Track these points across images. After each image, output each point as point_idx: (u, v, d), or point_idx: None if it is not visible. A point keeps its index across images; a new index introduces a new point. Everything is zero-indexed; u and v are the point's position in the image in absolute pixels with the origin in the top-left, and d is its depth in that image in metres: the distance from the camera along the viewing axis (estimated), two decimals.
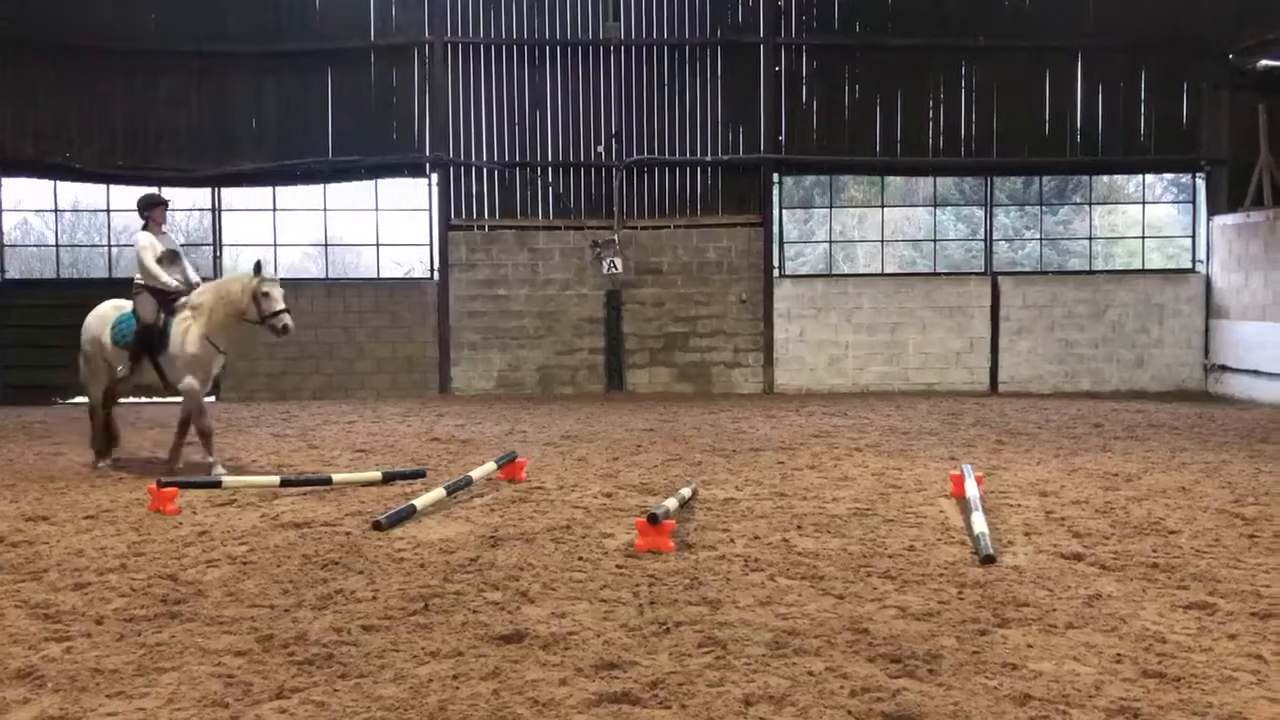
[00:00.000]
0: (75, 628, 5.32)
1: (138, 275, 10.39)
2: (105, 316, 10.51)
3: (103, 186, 18.50)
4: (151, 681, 4.58)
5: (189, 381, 10.05)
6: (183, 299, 10.22)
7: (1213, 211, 18.50)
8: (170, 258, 10.44)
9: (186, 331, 10.03)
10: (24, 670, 4.70)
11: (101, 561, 6.65)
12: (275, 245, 18.79)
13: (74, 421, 14.73)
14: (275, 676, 4.62)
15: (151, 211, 10.54)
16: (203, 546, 7.05)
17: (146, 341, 10.11)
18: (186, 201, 19.31)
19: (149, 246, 10.38)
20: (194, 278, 10.52)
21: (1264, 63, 16.98)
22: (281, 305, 10.05)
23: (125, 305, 10.47)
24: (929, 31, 18.33)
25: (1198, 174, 18.83)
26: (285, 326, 10.05)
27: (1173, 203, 20.69)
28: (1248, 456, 10.84)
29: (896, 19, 18.51)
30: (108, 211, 18.93)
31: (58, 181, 18.45)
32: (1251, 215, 17.37)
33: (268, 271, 10.06)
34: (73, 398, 17.89)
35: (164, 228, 10.68)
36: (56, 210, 19.00)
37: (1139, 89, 18.67)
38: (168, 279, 10.25)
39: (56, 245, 19.32)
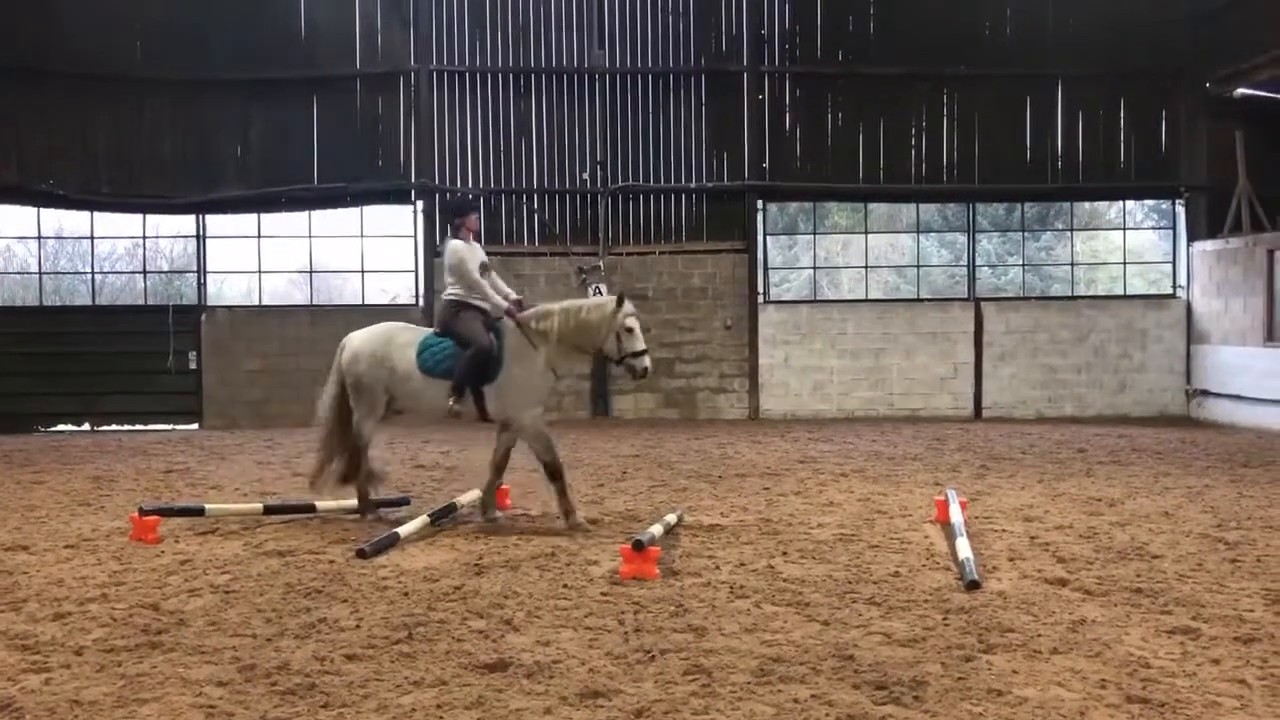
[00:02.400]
0: (54, 659, 5.26)
1: (449, 290, 8.98)
2: (397, 341, 8.99)
3: (86, 214, 18.46)
4: (131, 713, 4.53)
5: (532, 415, 8.68)
6: (506, 319, 8.83)
7: (1193, 237, 18.67)
8: (482, 270, 9.04)
9: (525, 358, 8.68)
10: (1, 702, 4.64)
11: (82, 591, 6.58)
12: (260, 272, 18.77)
13: (54, 450, 14.64)
14: (257, 707, 4.58)
15: (464, 218, 9.16)
16: (185, 575, 6.99)
17: (480, 370, 8.63)
18: (170, 229, 19.27)
19: (469, 257, 8.94)
20: (509, 294, 9.12)
21: (1241, 91, 17.19)
22: (643, 344, 8.74)
23: (411, 327, 9.31)
24: (911, 60, 18.51)
25: (1177, 200, 19.02)
26: (645, 369, 8.71)
27: (1153, 229, 20.85)
28: (1230, 481, 10.89)
29: (879, 48, 18.69)
30: (91, 238, 18.88)
31: (41, 208, 18.41)
32: (1230, 241, 17.53)
33: (629, 306, 8.77)
34: (54, 426, 17.82)
35: (474, 237, 9.23)
36: (40, 237, 18.94)
37: (1119, 117, 18.88)
38: (498, 297, 8.88)
39: (40, 272, 19.25)
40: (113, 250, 20.87)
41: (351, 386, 9.00)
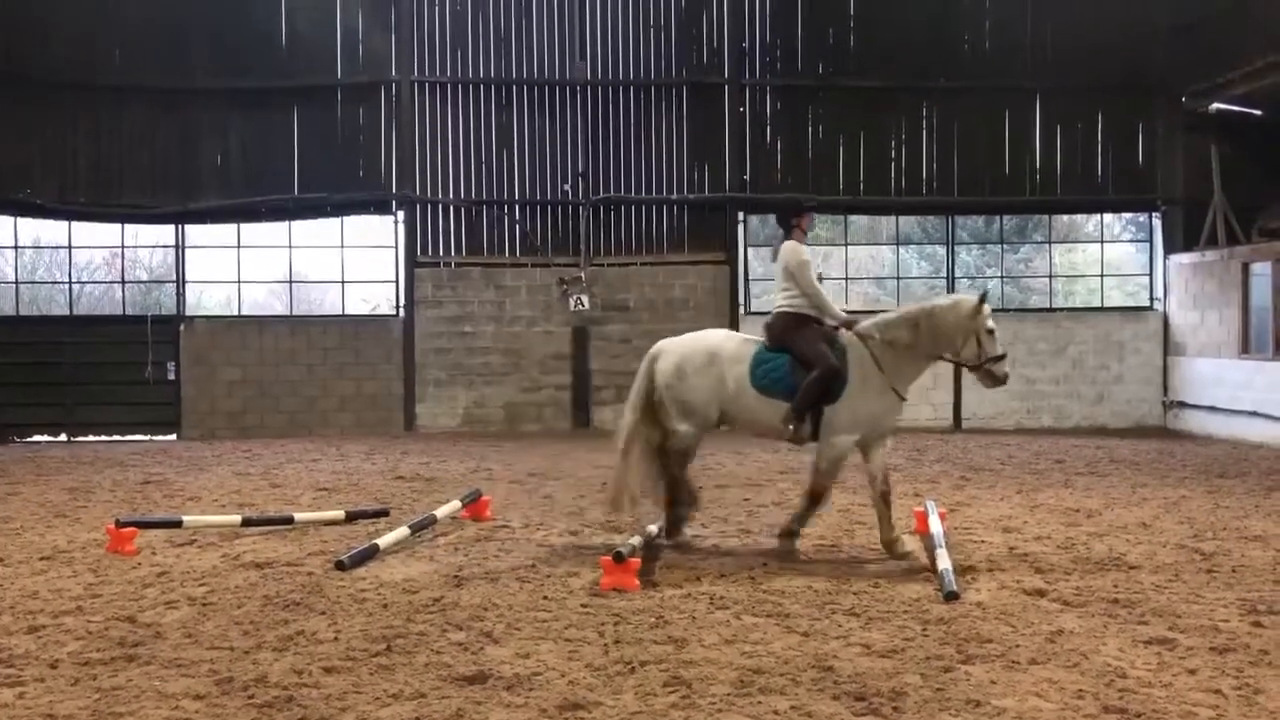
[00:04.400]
0: (28, 672, 5.21)
1: (786, 299, 8.04)
2: (724, 353, 8.03)
3: (64, 223, 18.34)
4: None
5: (848, 441, 7.81)
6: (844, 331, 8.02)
7: (1169, 250, 18.83)
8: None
9: (869, 377, 7.78)
10: None
11: (57, 604, 6.52)
12: (239, 282, 18.68)
13: (30, 461, 14.51)
14: None
15: (800, 217, 8.32)
16: (162, 588, 6.94)
17: (825, 391, 7.72)
18: (149, 238, 19.16)
19: (808, 261, 8.11)
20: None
21: (1216, 105, 17.37)
22: (1002, 348, 7.89)
23: (733, 335, 8.46)
24: (891, 73, 18.63)
25: (1154, 213, 19.18)
26: (1006, 375, 7.90)
27: (1131, 241, 21.03)
28: (1206, 492, 10.97)
29: (859, 60, 18.81)
30: (69, 248, 18.75)
31: (18, 218, 18.27)
32: (1207, 254, 17.69)
33: (988, 305, 7.87)
34: (30, 436, 17.66)
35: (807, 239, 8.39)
36: (17, 247, 18.79)
37: (1097, 130, 19.04)
38: (838, 308, 8.11)
39: (16, 282, 19.09)
40: (91, 260, 20.75)
41: (672, 401, 8.05)
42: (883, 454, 7.88)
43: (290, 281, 19.39)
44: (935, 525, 8.07)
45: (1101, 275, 20.14)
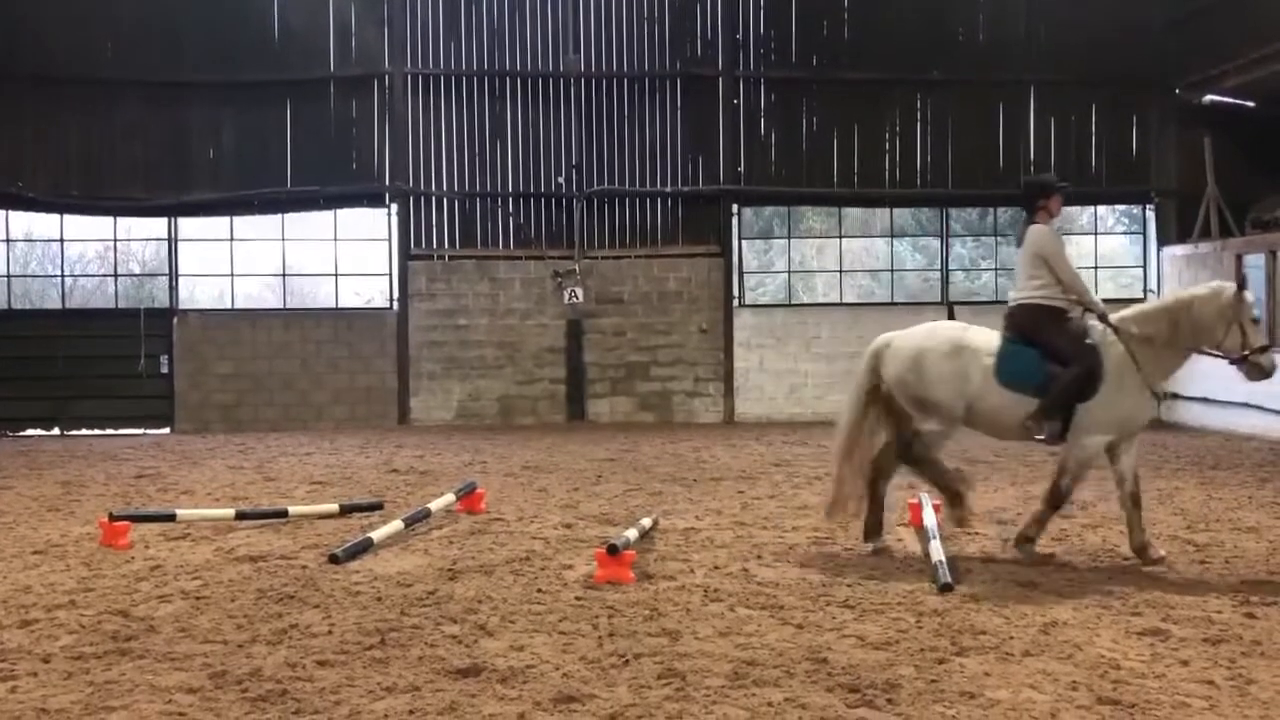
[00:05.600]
0: (21, 666, 5.19)
1: (1032, 288, 7.48)
2: (967, 345, 7.43)
3: (56, 216, 18.28)
4: None
5: (1098, 442, 7.31)
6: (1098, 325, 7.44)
7: (1163, 242, 18.86)
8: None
9: (1126, 375, 7.23)
10: None
11: (50, 598, 6.51)
12: (232, 276, 18.64)
13: (22, 455, 14.47)
14: (228, 714, 4.54)
15: (1049, 198, 7.70)
16: (155, 581, 6.92)
17: (1081, 390, 7.22)
18: (142, 232, 19.10)
19: (1063, 247, 7.62)
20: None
21: (1209, 98, 17.40)
22: (1265, 338, 7.40)
23: (968, 327, 7.72)
24: (885, 65, 18.62)
25: (1148, 206, 19.22)
26: (1274, 366, 7.39)
27: (1124, 234, 21.07)
28: (1199, 483, 11.00)
29: (853, 53, 18.79)
30: (61, 241, 18.71)
31: (10, 211, 18.22)
32: (1200, 246, 17.72)
33: (1249, 293, 7.38)
34: (23, 430, 17.62)
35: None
36: (9, 240, 18.73)
37: (1090, 123, 19.06)
38: (1097, 298, 7.60)
39: (8, 276, 19.02)
40: (83, 253, 20.67)
41: (909, 399, 7.55)
42: (1133, 454, 7.46)
43: (283, 275, 19.34)
44: (929, 518, 8.07)
45: (1095, 267, 20.12)
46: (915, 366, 7.47)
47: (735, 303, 18.75)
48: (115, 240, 18.84)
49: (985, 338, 7.48)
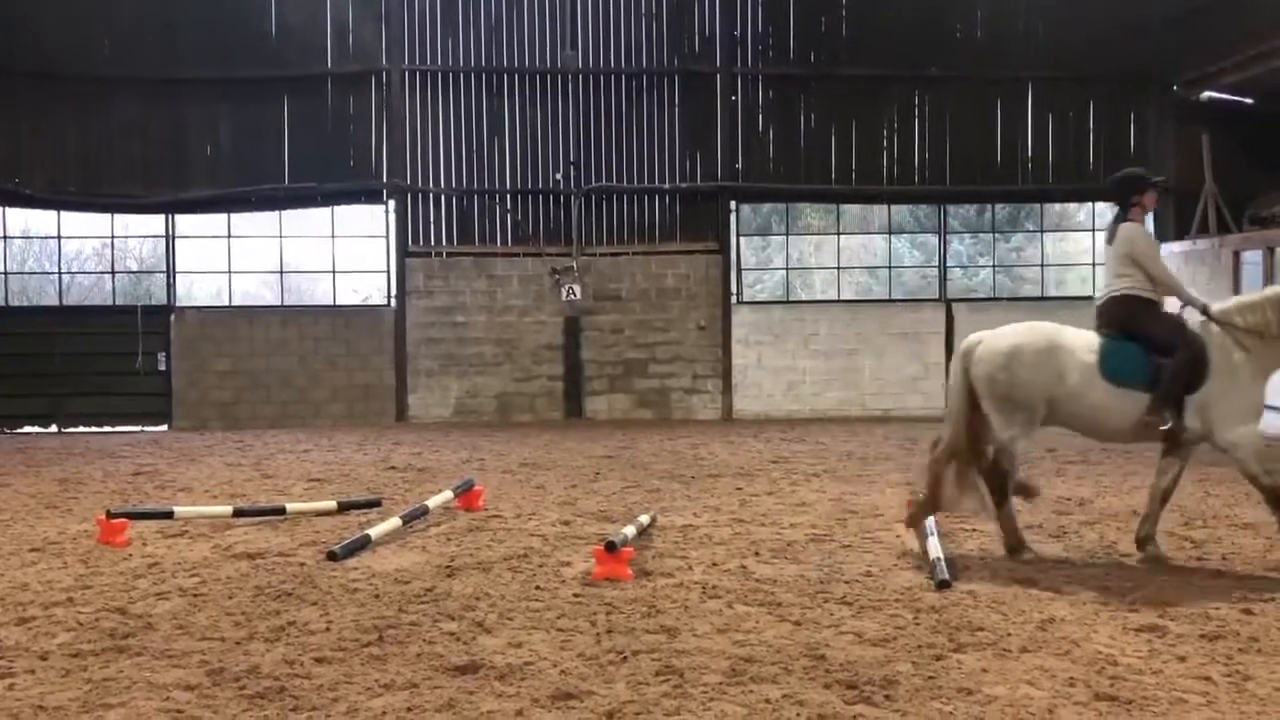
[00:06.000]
0: (19, 664, 5.19)
1: (1126, 283, 7.43)
2: (1063, 344, 7.38)
3: (53, 213, 18.26)
4: (98, 718, 4.48)
5: (1247, 431, 7.14)
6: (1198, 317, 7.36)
7: (1161, 239, 18.81)
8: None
9: (1232, 364, 7.13)
10: None
11: (47, 595, 6.50)
12: (230, 272, 18.63)
13: (20, 452, 14.46)
14: (226, 711, 4.54)
15: (1141, 194, 7.56)
16: (153, 579, 6.92)
17: (1190, 377, 7.12)
18: (139, 228, 19.09)
19: (1157, 249, 7.64)
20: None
21: (1207, 95, 17.39)
22: None
23: (1061, 326, 7.67)
24: (883, 62, 18.61)
25: None
26: None
27: None
28: (1197, 480, 10.99)
29: (851, 50, 18.79)
30: (58, 238, 18.69)
31: (7, 208, 18.20)
32: (1198, 243, 17.72)
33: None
34: (20, 427, 17.61)
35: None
36: (5, 237, 18.71)
37: (1088, 119, 19.07)
38: (1194, 292, 7.58)
39: (5, 272, 19.00)
40: (80, 250, 20.65)
41: (997, 398, 7.36)
42: (1188, 457, 7.46)
43: (281, 272, 19.32)
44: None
45: (1093, 264, 20.13)
46: (1008, 364, 7.35)
47: (733, 299, 18.75)
48: (113, 237, 18.83)
49: (1082, 336, 7.42)
